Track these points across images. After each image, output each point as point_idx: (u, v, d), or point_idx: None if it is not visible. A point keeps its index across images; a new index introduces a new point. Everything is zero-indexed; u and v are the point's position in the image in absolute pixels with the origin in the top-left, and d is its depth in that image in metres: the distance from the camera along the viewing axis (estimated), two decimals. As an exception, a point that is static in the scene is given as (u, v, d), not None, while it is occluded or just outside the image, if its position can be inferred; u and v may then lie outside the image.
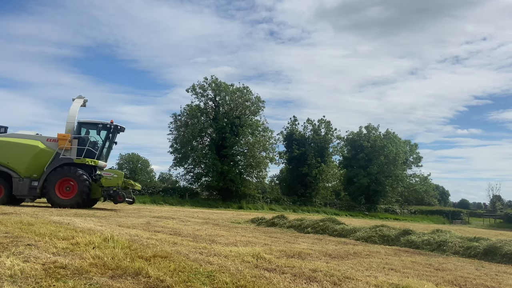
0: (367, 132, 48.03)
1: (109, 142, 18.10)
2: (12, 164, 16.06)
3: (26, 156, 16.12)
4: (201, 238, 8.06)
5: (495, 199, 61.58)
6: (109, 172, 16.09)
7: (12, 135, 17.05)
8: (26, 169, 16.07)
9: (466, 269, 6.30)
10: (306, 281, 4.49)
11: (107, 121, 17.44)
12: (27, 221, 8.89)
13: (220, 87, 38.49)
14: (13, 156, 16.07)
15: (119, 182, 15.95)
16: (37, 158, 16.19)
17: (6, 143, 16.32)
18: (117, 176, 16.07)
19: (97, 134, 17.36)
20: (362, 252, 7.48)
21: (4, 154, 16.07)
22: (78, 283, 3.86)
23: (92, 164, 16.62)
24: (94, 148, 16.95)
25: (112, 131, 17.62)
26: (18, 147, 16.28)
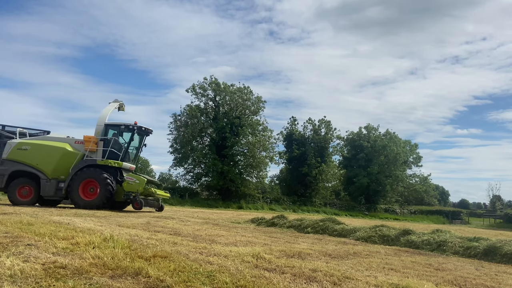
0: (367, 132, 48.04)
1: (135, 143, 17.96)
2: (41, 166, 16.40)
3: (53, 158, 16.44)
4: (201, 238, 8.07)
5: (495, 199, 61.63)
6: (132, 177, 15.80)
7: (43, 137, 17.80)
8: (54, 170, 16.34)
9: (466, 269, 6.30)
10: (306, 281, 4.49)
11: (131, 123, 17.28)
12: (27, 221, 8.90)
13: (220, 87, 38.50)
14: (42, 158, 16.44)
15: (139, 188, 15.62)
16: (63, 159, 16.43)
17: (36, 145, 16.76)
18: (138, 182, 15.76)
19: (119, 136, 17.21)
20: (362, 252, 7.49)
21: (33, 156, 16.47)
22: (78, 283, 3.86)
23: (116, 165, 16.48)
24: (118, 150, 16.76)
25: (137, 132, 17.45)
26: (46, 149, 16.66)
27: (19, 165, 16.51)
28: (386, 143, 45.64)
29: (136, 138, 17.91)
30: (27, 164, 16.45)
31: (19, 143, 16.85)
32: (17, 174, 16.52)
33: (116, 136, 17.13)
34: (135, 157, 18.29)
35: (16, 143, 16.79)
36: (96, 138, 16.77)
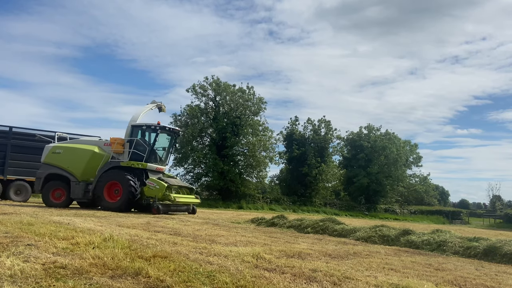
0: (367, 132, 48.04)
1: (164, 144, 17.65)
2: (71, 168, 16.57)
3: (82, 160, 16.54)
4: (201, 238, 8.07)
5: (495, 199, 61.63)
6: (152, 182, 15.31)
7: (75, 141, 18.12)
8: (83, 173, 16.44)
9: (466, 269, 6.30)
10: (306, 281, 4.49)
11: (154, 123, 16.90)
12: (27, 221, 8.90)
13: (220, 87, 38.50)
14: (72, 161, 16.63)
15: (158, 194, 15.11)
16: (92, 162, 16.47)
17: (67, 149, 17.03)
18: (158, 187, 15.22)
19: (141, 136, 16.88)
20: (362, 252, 7.49)
21: (65, 159, 16.73)
22: (78, 283, 3.86)
23: (140, 167, 16.12)
24: (142, 151, 16.38)
25: (163, 133, 17.07)
26: (76, 152, 16.85)
27: (53, 168, 16.84)
28: (386, 143, 45.65)
29: (163, 139, 17.55)
30: (60, 167, 16.71)
31: (53, 147, 17.28)
32: (51, 177, 16.85)
33: (142, 137, 16.84)
34: (165, 158, 17.82)
35: (51, 147, 17.25)
36: (122, 139, 16.73)
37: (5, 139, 19.68)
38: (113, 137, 17.00)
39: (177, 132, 18.06)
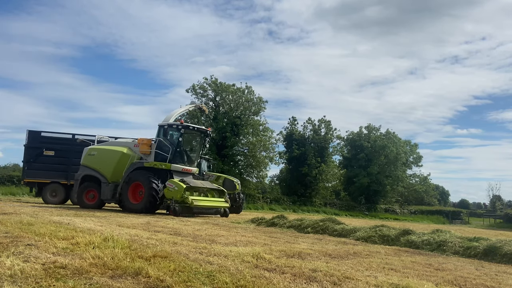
0: (367, 132, 48.03)
1: (191, 144, 17.30)
2: (103, 170, 16.65)
3: (112, 162, 16.54)
4: (201, 238, 8.07)
5: (495, 199, 61.59)
6: (171, 183, 14.73)
7: (109, 142, 18.23)
8: (112, 174, 16.43)
9: (466, 269, 6.30)
10: (306, 281, 4.49)
11: (177, 122, 16.54)
12: (27, 221, 8.90)
13: (220, 87, 38.50)
14: (103, 162, 16.72)
15: (176, 196, 14.49)
16: (120, 163, 16.42)
17: (100, 150, 17.15)
18: (177, 189, 14.56)
19: (164, 136, 16.32)
20: (362, 252, 7.49)
21: (98, 160, 16.85)
22: (78, 283, 3.86)
23: (164, 167, 15.68)
24: (165, 151, 15.90)
25: (186, 132, 16.52)
26: (107, 153, 16.89)
27: (88, 170, 17.03)
28: (386, 143, 45.64)
29: (192, 139, 17.25)
30: (93, 169, 16.86)
31: (89, 149, 17.51)
32: (86, 179, 17.05)
33: (165, 136, 16.34)
34: (195, 159, 17.33)
35: (88, 149, 17.49)
36: (149, 140, 16.52)
37: (69, 146, 20.25)
38: (140, 137, 16.91)
39: (204, 131, 17.30)
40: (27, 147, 20.26)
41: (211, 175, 20.43)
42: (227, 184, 19.80)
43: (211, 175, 20.47)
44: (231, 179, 20.75)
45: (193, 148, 17.47)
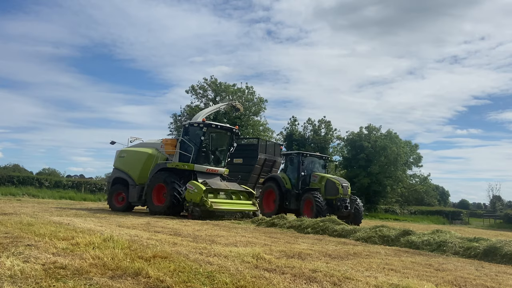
0: (368, 132, 48.02)
1: (219, 143, 16.52)
2: (131, 172, 16.38)
3: (139, 163, 16.20)
4: (201, 238, 8.07)
5: (495, 200, 61.58)
6: (192, 185, 13.94)
7: (139, 144, 17.63)
8: (139, 176, 16.08)
9: (466, 270, 6.30)
10: (306, 282, 4.50)
11: (199, 121, 15.82)
12: (27, 221, 8.91)
13: (220, 87, 38.52)
14: (132, 164, 16.46)
15: (196, 198, 13.65)
16: (147, 164, 16.03)
17: (129, 152, 16.90)
18: (197, 191, 13.70)
19: (187, 136, 15.60)
20: (362, 253, 7.49)
21: (127, 162, 16.66)
22: (78, 283, 3.86)
23: (186, 168, 14.93)
24: (188, 151, 15.20)
25: (210, 131, 15.77)
26: (135, 155, 16.61)
27: (118, 172, 16.89)
28: (387, 143, 45.62)
29: (218, 138, 16.51)
30: (123, 171, 16.67)
31: (120, 151, 17.24)
32: (116, 181, 16.91)
33: (188, 136, 15.66)
34: (223, 159, 16.35)
35: (119, 152, 17.25)
36: (174, 140, 16.12)
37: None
38: (165, 138, 16.62)
39: (229, 129, 16.31)
40: None
41: (315, 176, 17.83)
42: (328, 187, 17.27)
43: (316, 176, 17.83)
44: (333, 180, 17.35)
45: (219, 147, 16.51)
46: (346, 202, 16.88)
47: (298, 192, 17.71)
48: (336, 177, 18.28)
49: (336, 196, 16.88)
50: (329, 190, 17.16)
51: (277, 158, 20.57)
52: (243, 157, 19.44)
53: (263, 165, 19.88)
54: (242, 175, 18.31)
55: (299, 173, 17.97)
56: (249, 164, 19.56)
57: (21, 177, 31.06)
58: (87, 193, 30.39)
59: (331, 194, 17.02)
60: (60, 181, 33.38)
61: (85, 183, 33.91)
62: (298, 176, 17.99)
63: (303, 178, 17.98)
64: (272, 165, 20.45)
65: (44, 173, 52.69)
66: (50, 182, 31.37)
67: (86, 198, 27.73)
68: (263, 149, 20.17)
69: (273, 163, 20.56)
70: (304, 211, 16.69)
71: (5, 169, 45.01)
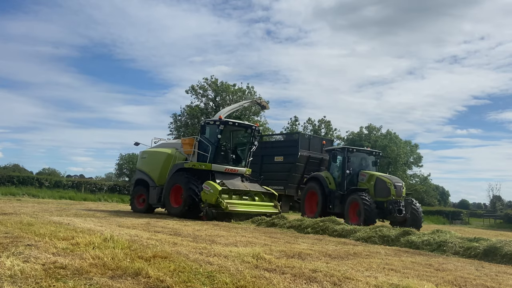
0: (368, 132, 48.02)
1: (238, 142, 15.95)
2: (151, 173, 15.99)
3: (159, 164, 15.78)
4: (201, 238, 8.07)
5: (495, 200, 61.58)
6: (208, 185, 13.26)
7: (160, 144, 17.27)
8: (159, 176, 15.65)
9: (466, 270, 6.30)
10: (306, 282, 4.50)
11: (215, 118, 15.18)
12: (27, 221, 8.91)
13: (220, 87, 38.52)
14: (152, 165, 16.09)
15: (211, 199, 13.02)
16: (166, 165, 15.55)
17: (150, 153, 16.56)
18: (212, 192, 13.05)
19: (204, 134, 15.02)
20: (362, 253, 7.49)
21: (148, 163, 16.32)
22: (78, 283, 3.86)
23: (204, 168, 14.29)
24: (205, 150, 14.58)
25: (227, 129, 15.12)
26: (155, 155, 16.23)
27: (140, 173, 16.65)
28: (387, 143, 45.63)
29: (235, 135, 16.00)
30: (144, 172, 16.37)
31: (142, 152, 16.97)
32: (138, 183, 16.67)
33: (205, 135, 15.05)
34: (244, 158, 15.53)
35: (141, 153, 16.98)
36: (191, 139, 15.31)
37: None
38: (185, 137, 16.07)
39: (249, 127, 15.55)
40: None
41: (364, 175, 15.60)
42: (378, 187, 14.95)
43: (364, 175, 15.59)
44: (383, 179, 15.01)
45: (239, 146, 15.87)
46: (399, 205, 14.40)
47: (343, 193, 15.30)
48: (387, 176, 15.74)
49: (387, 197, 14.48)
50: (379, 190, 14.77)
51: (325, 155, 18.26)
52: (284, 154, 17.91)
53: (307, 163, 17.93)
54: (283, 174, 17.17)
55: (344, 171, 15.63)
56: (290, 162, 17.86)
57: (21, 177, 31.08)
58: (87, 193, 30.38)
59: (381, 196, 14.62)
60: (60, 181, 33.40)
61: (85, 183, 33.94)
62: (343, 174, 15.65)
63: (350, 177, 15.64)
64: (319, 163, 18.43)
65: (44, 173, 52.75)
66: (50, 182, 31.38)
67: (86, 198, 27.71)
68: (305, 145, 18.19)
69: (320, 161, 18.52)
70: (350, 215, 14.52)
71: (5, 169, 45.06)
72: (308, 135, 19.01)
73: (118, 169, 58.34)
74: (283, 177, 17.11)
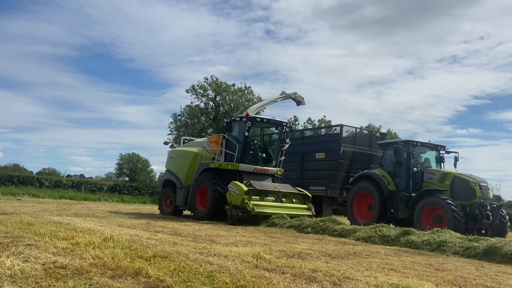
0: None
1: (263, 140, 15.17)
2: (178, 173, 15.36)
3: (186, 164, 15.09)
4: (201, 238, 8.07)
5: (495, 199, 61.56)
6: (233, 186, 12.45)
7: (188, 143, 16.77)
8: (186, 177, 14.98)
9: (466, 269, 6.30)
10: (306, 281, 4.50)
11: (242, 115, 14.47)
12: (27, 221, 8.91)
13: (220, 87, 38.50)
14: (179, 165, 15.47)
15: (236, 201, 12.20)
16: (193, 165, 14.81)
17: (177, 152, 16.07)
18: (238, 193, 12.22)
19: (231, 132, 14.19)
20: (362, 252, 7.48)
21: (175, 163, 15.72)
22: (78, 283, 3.86)
23: (230, 168, 13.53)
24: (232, 149, 13.80)
25: (256, 126, 14.33)
26: (182, 155, 15.60)
27: (168, 174, 16.08)
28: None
29: (265, 133, 15.25)
30: (172, 172, 15.78)
31: (170, 151, 16.45)
32: (166, 183, 16.10)
33: (234, 132, 14.21)
34: (275, 157, 14.61)
35: (169, 152, 16.43)
36: (218, 137, 14.45)
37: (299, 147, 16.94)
38: (212, 135, 15.18)
39: (279, 123, 14.58)
40: None
41: (432, 173, 13.39)
42: (458, 187, 12.58)
43: (433, 173, 13.38)
44: (465, 179, 12.62)
45: (270, 145, 15.07)
46: (486, 209, 11.99)
47: (410, 195, 13.00)
48: (468, 174, 13.05)
49: (471, 201, 12.14)
50: (459, 192, 12.41)
51: (375, 151, 16.39)
52: (325, 150, 16.19)
53: (352, 159, 15.85)
54: (325, 173, 15.63)
55: (409, 169, 13.35)
56: (331, 159, 15.89)
57: (21, 177, 31.08)
58: (87, 193, 30.36)
59: (463, 198, 12.24)
60: (60, 180, 33.39)
61: (85, 182, 33.93)
62: (409, 173, 13.37)
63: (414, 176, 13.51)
64: (368, 160, 16.20)
65: (44, 173, 52.74)
66: (50, 182, 31.38)
67: (86, 198, 27.70)
68: (349, 139, 16.38)
69: (369, 158, 16.31)
70: (423, 222, 12.13)
71: (5, 169, 45.10)
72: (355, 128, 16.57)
73: (118, 169, 58.42)
74: (325, 176, 15.53)
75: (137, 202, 28.87)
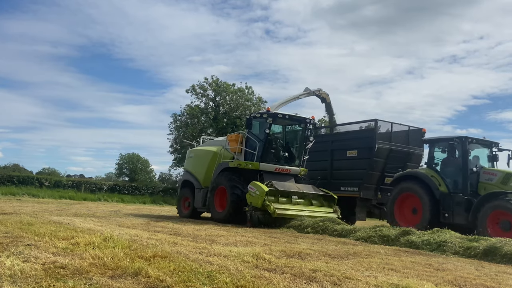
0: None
1: (285, 138, 14.55)
2: (197, 174, 14.85)
3: (204, 163, 14.54)
4: (201, 238, 8.07)
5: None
6: (253, 187, 11.91)
7: (208, 142, 16.33)
8: (205, 178, 14.45)
9: (466, 269, 6.30)
10: (306, 281, 4.50)
11: (263, 111, 13.87)
12: (27, 221, 8.91)
13: (220, 87, 38.50)
14: (197, 165, 14.93)
15: (257, 202, 11.66)
16: (211, 164, 14.23)
17: (196, 152, 15.56)
18: (258, 193, 11.66)
19: (251, 129, 13.53)
20: (362, 252, 7.49)
21: (194, 163, 15.21)
22: (78, 283, 3.86)
23: (250, 167, 12.96)
24: (252, 148, 13.21)
25: (276, 122, 13.73)
26: (201, 154, 15.09)
27: (187, 174, 15.61)
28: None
29: (287, 130, 14.65)
30: (190, 173, 15.27)
31: (189, 151, 16.00)
32: (185, 184, 15.55)
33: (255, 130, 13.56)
34: (299, 156, 13.96)
35: (188, 152, 16.02)
36: (238, 135, 13.85)
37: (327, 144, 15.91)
38: (231, 134, 14.80)
39: (302, 120, 13.80)
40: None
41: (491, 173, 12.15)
42: None
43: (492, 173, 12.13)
44: None
45: (292, 143, 14.45)
46: None
47: (468, 198, 11.64)
48: None
49: None
50: None
51: (413, 148, 15.15)
52: (358, 148, 15.03)
53: (388, 158, 14.61)
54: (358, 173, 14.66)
55: (466, 169, 12.04)
56: (365, 158, 14.65)
57: (21, 177, 31.09)
58: (87, 193, 30.37)
59: None
60: (60, 180, 33.39)
61: (85, 182, 33.93)
62: (465, 173, 12.05)
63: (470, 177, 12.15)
64: (405, 159, 14.94)
65: (44, 173, 52.76)
66: (50, 182, 31.37)
67: (86, 198, 27.71)
68: (385, 136, 14.90)
69: (407, 156, 15.03)
70: (489, 228, 10.80)
71: (5, 169, 45.12)
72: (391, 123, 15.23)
73: (118, 168, 58.47)
74: (357, 176, 14.51)
75: (137, 202, 28.88)
